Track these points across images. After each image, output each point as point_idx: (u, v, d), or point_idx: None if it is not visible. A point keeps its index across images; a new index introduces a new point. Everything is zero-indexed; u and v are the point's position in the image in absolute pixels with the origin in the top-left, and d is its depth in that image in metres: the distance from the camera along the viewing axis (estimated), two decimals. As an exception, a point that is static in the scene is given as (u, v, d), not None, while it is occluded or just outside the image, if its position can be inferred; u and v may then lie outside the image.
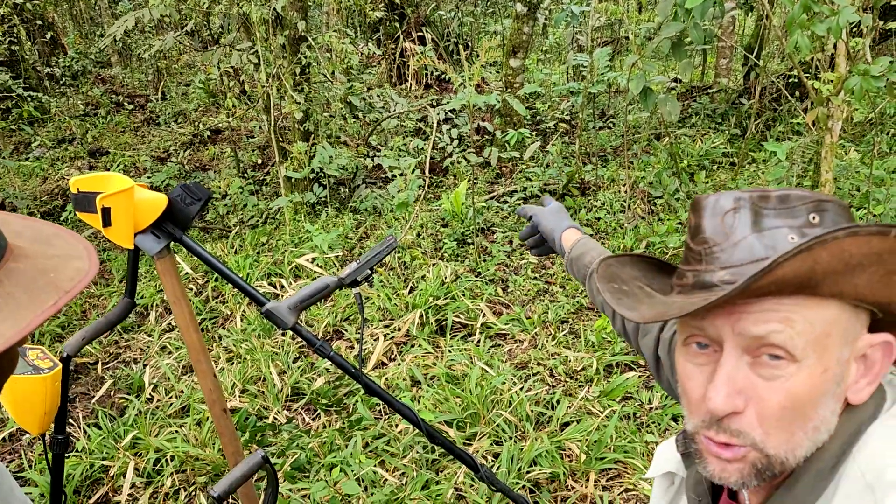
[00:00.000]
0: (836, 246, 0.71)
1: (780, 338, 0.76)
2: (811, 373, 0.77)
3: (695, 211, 0.84)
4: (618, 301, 0.89)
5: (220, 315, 3.96)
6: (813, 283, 0.74)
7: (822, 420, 0.80)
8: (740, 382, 0.78)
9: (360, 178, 5.17)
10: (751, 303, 0.77)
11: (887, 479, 0.75)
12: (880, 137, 6.06)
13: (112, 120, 6.90)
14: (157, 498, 2.76)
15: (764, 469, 0.80)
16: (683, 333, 0.85)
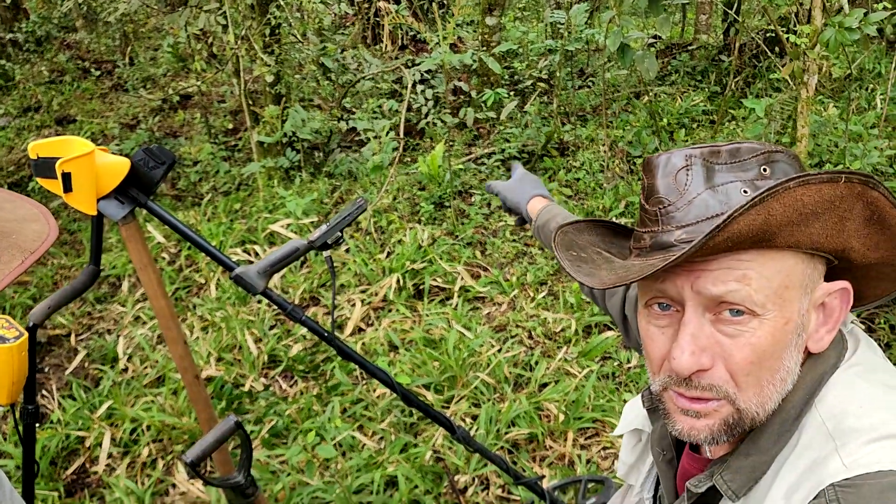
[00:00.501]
0: (788, 196, 0.69)
1: (739, 296, 0.75)
2: (774, 325, 0.76)
3: (647, 171, 0.83)
4: (577, 269, 0.87)
5: (195, 284, 3.90)
6: (769, 235, 0.73)
7: (788, 371, 0.79)
8: (704, 341, 0.77)
9: (334, 142, 5.09)
10: (709, 261, 0.76)
11: (846, 427, 0.75)
12: (859, 93, 6.05)
13: (79, 87, 6.72)
14: (134, 467, 2.74)
15: (735, 424, 0.80)
16: (644, 296, 0.83)
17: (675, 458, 1.03)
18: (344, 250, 3.99)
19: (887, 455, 0.70)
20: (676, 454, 1.04)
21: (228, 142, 5.46)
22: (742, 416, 0.79)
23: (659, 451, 1.05)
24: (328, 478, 2.51)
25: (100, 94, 6.68)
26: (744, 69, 6.20)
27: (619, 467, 1.21)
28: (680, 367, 0.77)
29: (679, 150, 0.80)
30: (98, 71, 7.08)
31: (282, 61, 4.58)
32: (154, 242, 4.16)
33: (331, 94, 5.54)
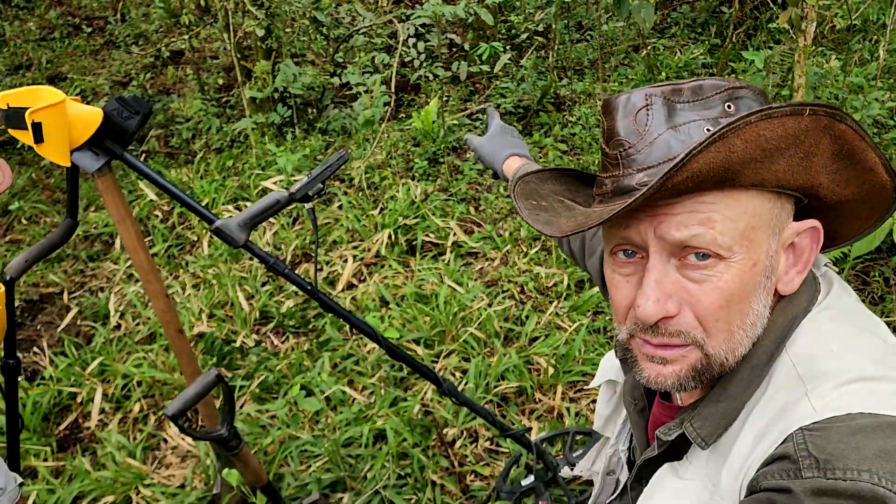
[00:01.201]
0: (749, 131, 0.66)
1: (703, 240, 0.72)
2: (741, 268, 0.74)
3: (606, 113, 0.79)
4: (535, 218, 0.84)
5: (187, 241, 3.88)
6: (732, 173, 0.70)
7: (758, 315, 0.77)
8: (669, 287, 0.75)
9: (328, 97, 5.02)
10: (672, 204, 0.73)
11: (817, 370, 0.73)
12: (862, 45, 5.94)
13: (70, 44, 6.62)
14: (126, 423, 2.75)
15: (703, 370, 0.78)
16: (609, 244, 0.81)
17: (646, 407, 1.02)
18: (336, 206, 3.96)
19: (857, 398, 0.69)
20: (648, 403, 1.03)
21: (221, 98, 5.39)
22: (710, 362, 0.78)
23: (630, 400, 1.05)
24: (317, 432, 2.52)
25: (91, 51, 6.59)
26: (745, 21, 6.08)
27: (596, 420, 1.20)
28: (645, 315, 0.75)
29: (639, 90, 0.76)
30: (89, 28, 6.97)
31: (272, 15, 4.49)
32: (146, 200, 4.13)
33: (324, 49, 5.45)
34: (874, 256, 3.19)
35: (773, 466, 0.69)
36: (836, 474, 0.63)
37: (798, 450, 0.67)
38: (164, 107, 5.23)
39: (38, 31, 6.73)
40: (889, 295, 2.96)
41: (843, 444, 0.65)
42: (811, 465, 0.65)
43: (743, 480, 0.75)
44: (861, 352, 0.75)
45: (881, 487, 0.62)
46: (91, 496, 2.40)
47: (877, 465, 0.63)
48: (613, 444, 1.16)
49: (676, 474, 0.86)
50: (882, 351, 0.76)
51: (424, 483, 2.32)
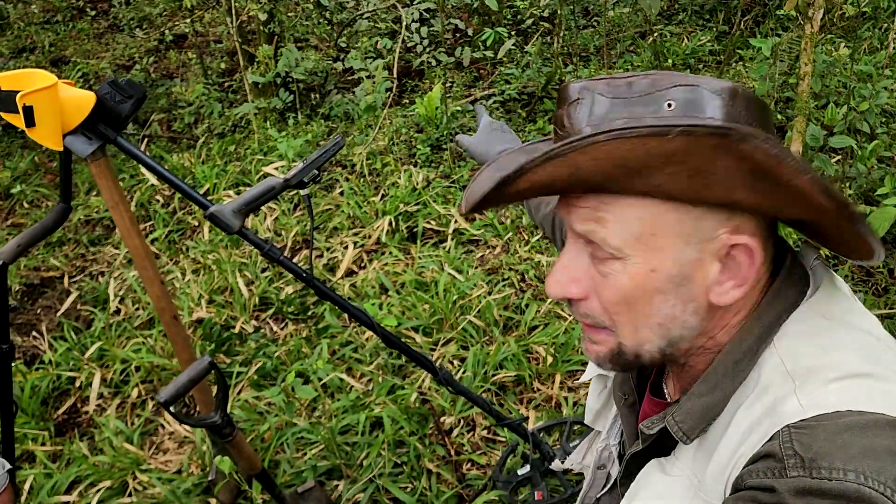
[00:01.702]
0: (596, 150, 0.65)
1: (597, 237, 0.74)
2: (636, 272, 0.74)
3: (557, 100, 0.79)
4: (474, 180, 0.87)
5: (188, 226, 3.87)
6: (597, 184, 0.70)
7: (669, 318, 0.77)
8: (578, 272, 0.78)
9: (331, 83, 4.99)
10: (580, 197, 0.74)
11: (805, 366, 0.72)
12: (872, 32, 5.86)
13: (74, 27, 6.59)
14: (124, 408, 2.76)
15: (619, 356, 0.81)
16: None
17: (636, 402, 1.02)
18: (338, 193, 3.94)
19: (846, 395, 0.67)
20: (639, 398, 1.02)
21: (224, 83, 5.36)
22: (624, 351, 0.80)
23: (621, 395, 1.04)
24: (314, 419, 2.52)
25: (95, 35, 6.56)
26: (753, 8, 6.01)
27: (587, 413, 1.19)
28: (548, 292, 0.79)
29: (579, 82, 0.75)
30: (93, 11, 6.94)
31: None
32: (148, 184, 4.12)
33: (327, 34, 5.41)
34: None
35: (759, 465, 0.68)
36: (822, 473, 0.62)
37: (784, 448, 0.66)
38: (166, 91, 5.21)
39: (41, 15, 6.71)
40: (893, 286, 2.93)
41: (829, 443, 0.64)
42: (796, 464, 0.64)
43: (728, 477, 0.73)
44: (850, 348, 0.73)
45: (867, 487, 0.61)
46: (88, 481, 2.41)
47: (863, 464, 0.62)
48: (604, 439, 1.15)
49: (663, 470, 0.85)
50: (872, 347, 0.74)
51: (421, 471, 2.31)
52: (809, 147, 3.36)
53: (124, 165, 4.44)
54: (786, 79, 4.67)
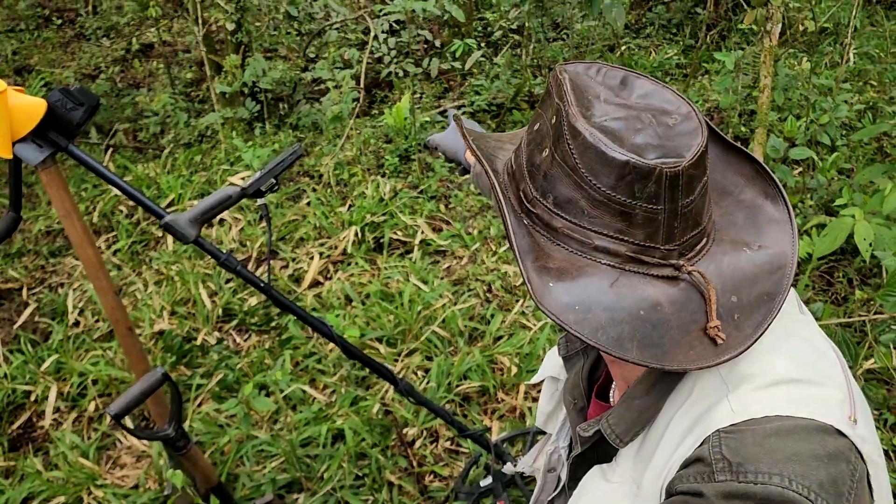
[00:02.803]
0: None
1: None
2: None
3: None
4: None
5: (152, 237, 3.82)
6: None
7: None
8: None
9: (300, 93, 4.97)
10: None
11: (739, 372, 0.72)
12: (833, 48, 5.98)
13: (39, 36, 6.50)
14: (81, 422, 2.70)
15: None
16: None
17: (585, 406, 1.01)
18: (304, 203, 3.92)
19: (774, 401, 0.68)
20: (587, 403, 1.02)
21: (191, 92, 5.32)
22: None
23: (570, 399, 1.04)
24: (275, 431, 2.48)
25: (61, 44, 6.48)
26: (719, 22, 6.10)
27: (538, 416, 1.19)
28: None
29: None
30: (60, 19, 6.86)
31: (243, 9, 4.43)
32: (111, 195, 4.06)
33: (296, 44, 5.40)
34: (838, 258, 3.21)
35: (690, 469, 0.68)
36: (748, 477, 0.63)
37: (713, 452, 0.66)
38: (132, 100, 5.15)
39: (6, 23, 6.61)
40: (852, 295, 2.97)
41: (756, 447, 0.64)
42: (724, 469, 0.64)
43: (663, 483, 0.74)
44: (785, 354, 0.74)
45: (791, 491, 0.61)
46: (42, 497, 2.35)
47: (788, 467, 0.62)
48: (554, 441, 1.15)
49: (604, 477, 0.85)
50: (807, 353, 0.75)
51: (382, 483, 2.29)
52: (771, 158, 3.41)
53: (87, 175, 4.37)
54: (749, 91, 4.74)
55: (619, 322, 0.68)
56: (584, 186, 0.70)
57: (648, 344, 0.68)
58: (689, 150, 0.70)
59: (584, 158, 0.70)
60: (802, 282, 2.92)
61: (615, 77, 0.79)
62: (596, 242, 0.71)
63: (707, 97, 5.06)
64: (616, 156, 0.68)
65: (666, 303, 0.71)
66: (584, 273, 0.71)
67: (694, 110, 0.75)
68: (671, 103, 0.76)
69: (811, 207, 3.48)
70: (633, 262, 0.72)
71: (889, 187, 2.49)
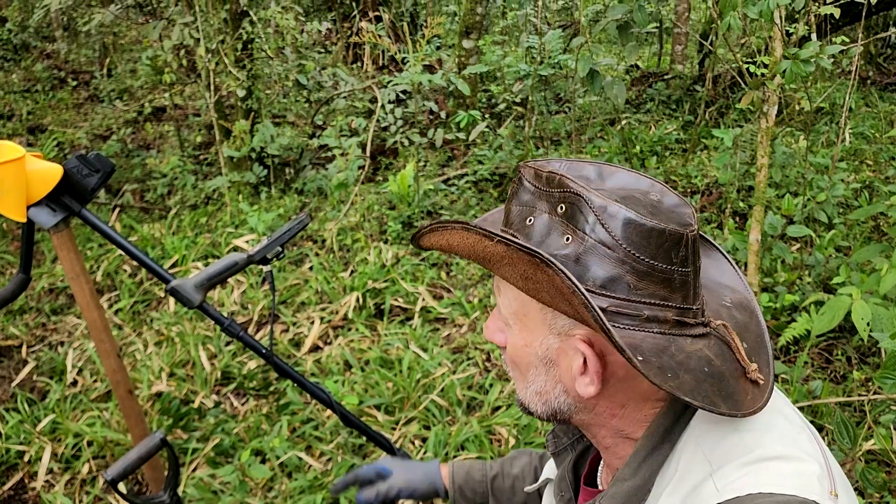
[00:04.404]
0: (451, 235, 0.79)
1: (498, 301, 0.85)
2: (515, 341, 0.83)
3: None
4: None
5: (154, 297, 3.84)
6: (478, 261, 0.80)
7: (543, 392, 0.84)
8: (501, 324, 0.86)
9: (306, 158, 5.07)
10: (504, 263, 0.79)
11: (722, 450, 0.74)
12: (829, 127, 6.13)
13: (54, 96, 6.67)
14: (74, 484, 2.66)
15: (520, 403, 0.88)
16: None
17: (572, 498, 1.02)
18: (307, 267, 3.96)
19: (758, 478, 0.69)
20: (574, 494, 1.02)
21: (199, 155, 5.42)
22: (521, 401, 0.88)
23: (558, 492, 1.04)
24: (269, 499, 2.45)
25: (75, 105, 6.64)
26: (717, 100, 6.26)
27: None
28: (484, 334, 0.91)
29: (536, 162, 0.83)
30: (75, 81, 7.05)
31: (254, 76, 4.57)
32: (116, 254, 4.10)
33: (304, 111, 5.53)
34: (837, 335, 3.22)
35: None
36: None
37: None
38: (142, 161, 5.25)
39: (22, 83, 6.79)
40: (850, 374, 2.97)
41: None
42: None
43: None
44: (766, 430, 0.75)
45: None
46: (29, 562, 2.30)
47: None
48: None
49: None
50: (786, 428, 0.76)
51: (376, 557, 2.24)
52: (769, 235, 3.46)
53: (93, 234, 4.43)
54: (748, 168, 4.84)
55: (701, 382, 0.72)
56: (628, 261, 0.73)
57: (725, 397, 0.72)
58: (689, 216, 0.77)
59: (624, 234, 0.73)
60: (801, 359, 2.93)
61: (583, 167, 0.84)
62: (646, 314, 0.74)
63: (706, 172, 5.15)
64: (654, 226, 0.73)
65: (714, 357, 0.76)
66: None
67: (666, 186, 0.82)
68: (644, 183, 0.82)
69: (809, 284, 3.51)
70: (678, 326, 0.76)
71: (885, 267, 2.53)
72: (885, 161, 5.30)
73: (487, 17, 6.50)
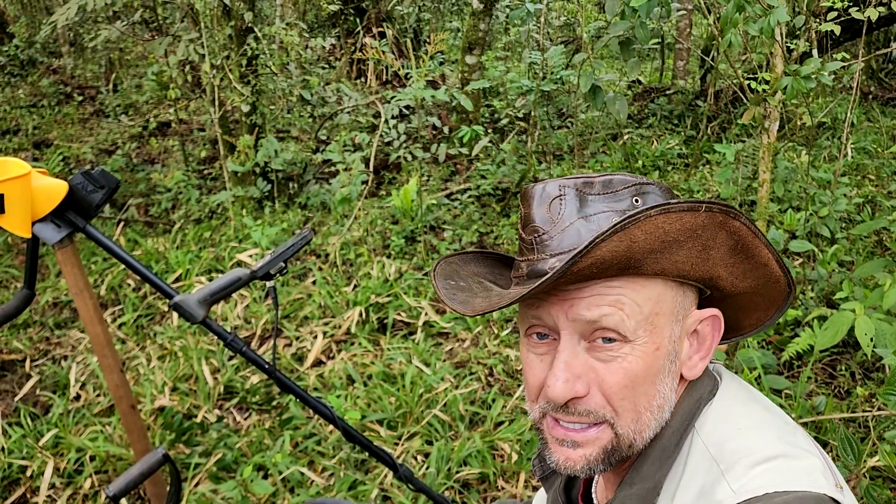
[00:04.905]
0: (649, 224, 0.71)
1: (612, 321, 0.76)
2: (644, 351, 0.77)
3: (524, 200, 0.83)
4: (451, 298, 0.86)
5: (157, 312, 3.85)
6: (635, 262, 0.74)
7: (665, 398, 0.81)
8: (579, 368, 0.78)
9: (310, 173, 5.09)
10: (582, 288, 0.76)
11: (729, 451, 0.76)
12: (831, 142, 6.14)
13: (59, 111, 6.72)
14: (75, 500, 2.66)
15: (612, 451, 0.80)
16: (524, 325, 0.84)
17: None
18: (310, 282, 3.96)
19: (769, 478, 0.71)
20: None
21: (204, 170, 5.45)
22: (620, 443, 0.80)
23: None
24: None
25: (80, 119, 6.68)
26: (719, 115, 6.28)
27: None
28: (555, 394, 0.77)
29: (554, 180, 0.81)
30: (80, 96, 7.10)
31: (258, 92, 4.60)
32: (120, 268, 4.12)
33: (308, 126, 5.56)
34: (840, 350, 3.21)
35: None
36: None
37: None
38: (146, 176, 5.28)
39: (28, 98, 6.84)
40: (854, 389, 2.96)
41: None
42: None
43: None
44: (767, 430, 0.78)
45: None
46: (30, 578, 2.30)
47: None
48: None
49: None
50: (784, 428, 0.79)
51: (378, 573, 2.24)
52: (771, 250, 3.46)
53: (98, 248, 4.45)
54: (750, 182, 4.85)
55: None
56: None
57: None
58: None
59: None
60: (805, 374, 2.93)
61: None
62: None
63: (708, 187, 5.16)
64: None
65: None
66: None
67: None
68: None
69: (812, 299, 3.50)
70: None
71: (888, 283, 2.52)
72: (887, 176, 5.31)
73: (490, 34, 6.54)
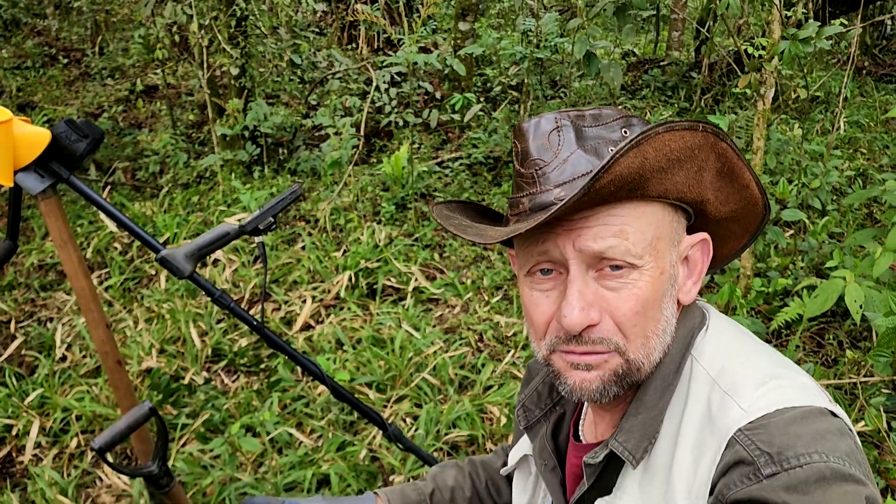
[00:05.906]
0: (658, 140, 0.72)
1: (619, 251, 0.77)
2: (652, 276, 0.79)
3: (519, 136, 0.83)
4: (463, 230, 0.86)
5: (144, 275, 3.81)
6: (643, 181, 0.76)
7: (668, 322, 0.83)
8: (590, 297, 0.79)
9: (299, 139, 5.03)
10: (587, 217, 0.77)
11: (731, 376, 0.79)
12: (824, 115, 6.12)
13: (44, 73, 6.59)
14: (61, 458, 2.65)
15: (624, 375, 0.81)
16: (527, 264, 0.84)
17: (557, 465, 1.00)
18: (300, 247, 3.93)
19: (776, 395, 0.74)
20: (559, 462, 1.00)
21: (192, 134, 5.38)
22: (630, 367, 0.82)
23: (541, 462, 1.02)
24: (259, 474, 2.44)
25: (65, 82, 6.57)
26: (713, 87, 6.25)
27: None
28: (572, 323, 0.78)
29: (546, 115, 0.81)
30: (66, 59, 6.97)
31: (247, 54, 4.52)
32: (106, 231, 4.07)
33: (298, 91, 5.49)
34: (829, 320, 3.22)
35: (733, 475, 0.71)
36: (791, 462, 0.68)
37: (749, 450, 0.70)
38: (133, 139, 5.20)
39: (11, 60, 6.71)
40: (842, 357, 2.98)
41: (784, 436, 0.70)
42: (767, 462, 0.69)
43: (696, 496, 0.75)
44: (762, 355, 0.82)
45: (833, 463, 0.67)
46: (16, 534, 2.29)
47: (819, 445, 0.68)
48: None
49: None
50: (774, 355, 0.83)
51: (366, 532, 2.24)
52: (763, 219, 3.45)
53: (83, 211, 4.39)
54: (743, 152, 4.83)
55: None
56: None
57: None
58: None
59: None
60: (793, 342, 2.93)
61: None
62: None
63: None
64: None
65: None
66: None
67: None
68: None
69: (802, 269, 3.51)
70: None
71: (878, 251, 2.53)
72: (879, 149, 5.31)
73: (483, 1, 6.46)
